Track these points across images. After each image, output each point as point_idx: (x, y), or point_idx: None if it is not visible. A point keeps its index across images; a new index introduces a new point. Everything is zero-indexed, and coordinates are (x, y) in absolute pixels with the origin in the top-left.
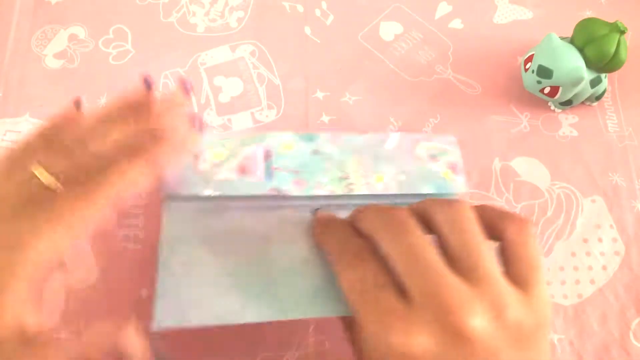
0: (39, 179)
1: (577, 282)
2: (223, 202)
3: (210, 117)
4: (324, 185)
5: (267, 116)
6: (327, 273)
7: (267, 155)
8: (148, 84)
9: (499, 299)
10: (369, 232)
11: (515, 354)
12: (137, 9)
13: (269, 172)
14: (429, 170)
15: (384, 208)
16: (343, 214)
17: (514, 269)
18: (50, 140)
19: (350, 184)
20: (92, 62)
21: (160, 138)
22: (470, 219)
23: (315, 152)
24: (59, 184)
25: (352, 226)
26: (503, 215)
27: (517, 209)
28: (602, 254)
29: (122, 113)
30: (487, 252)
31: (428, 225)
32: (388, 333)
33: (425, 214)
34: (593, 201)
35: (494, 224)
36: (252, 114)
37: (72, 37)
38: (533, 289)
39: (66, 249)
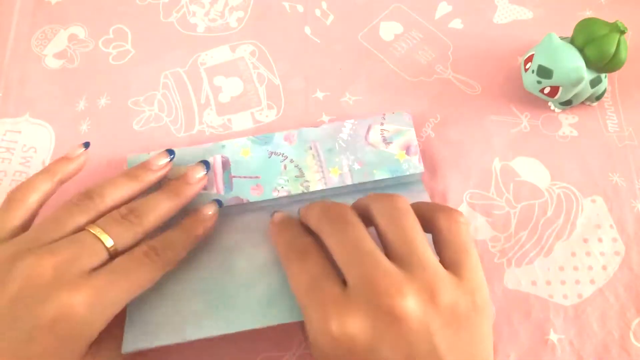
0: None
1: (577, 282)
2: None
3: (210, 117)
4: (282, 186)
5: (267, 116)
6: (283, 277)
7: (225, 165)
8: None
9: (432, 282)
10: (315, 228)
11: (450, 334)
12: (137, 9)
13: (228, 182)
14: (383, 154)
15: (327, 204)
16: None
17: (446, 255)
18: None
19: (306, 181)
20: (92, 62)
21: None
22: (406, 210)
23: (272, 154)
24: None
25: (302, 224)
26: (434, 207)
27: (517, 209)
28: (602, 254)
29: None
30: (421, 241)
31: (369, 219)
32: (327, 319)
33: (367, 208)
34: (593, 201)
35: (427, 217)
36: (252, 114)
37: (72, 37)
38: (466, 272)
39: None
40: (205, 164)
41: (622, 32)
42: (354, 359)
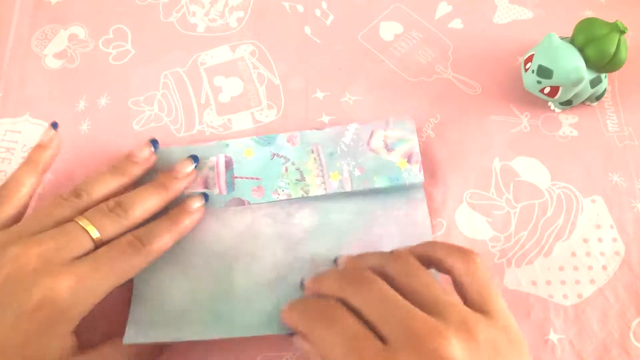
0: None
1: (577, 282)
2: None
3: (210, 117)
4: (282, 189)
5: (267, 116)
6: (285, 295)
7: (229, 165)
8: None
9: (465, 322)
10: (336, 293)
11: None
12: (137, 9)
13: (230, 182)
14: (384, 161)
15: (343, 271)
16: (302, 213)
17: (470, 297)
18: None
19: (306, 185)
20: (92, 62)
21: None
22: (418, 267)
23: (274, 156)
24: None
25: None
26: (449, 250)
27: (517, 209)
28: (602, 254)
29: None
30: (440, 288)
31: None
32: None
33: (382, 269)
34: (593, 201)
35: (441, 262)
36: (252, 114)
37: (72, 37)
38: (493, 311)
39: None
40: (194, 158)
41: (622, 32)
42: None
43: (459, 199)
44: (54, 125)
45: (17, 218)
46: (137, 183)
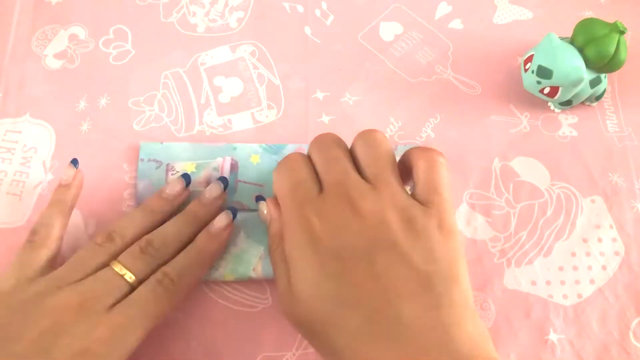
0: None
1: (577, 282)
2: None
3: (210, 117)
4: None
5: (267, 116)
6: None
7: (234, 167)
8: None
9: (393, 195)
10: (309, 151)
11: (411, 239)
12: (137, 9)
13: (233, 185)
14: None
15: (322, 134)
16: None
17: (418, 191)
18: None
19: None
20: (92, 63)
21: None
22: (382, 141)
23: None
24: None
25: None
26: (416, 149)
27: (516, 209)
28: (601, 254)
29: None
30: (391, 168)
31: (352, 150)
32: (303, 210)
33: (353, 143)
34: (593, 201)
35: (408, 158)
36: (252, 114)
37: (72, 37)
38: (432, 203)
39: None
40: (223, 181)
41: (622, 33)
42: (322, 242)
43: (459, 198)
44: (74, 163)
45: (53, 262)
46: None
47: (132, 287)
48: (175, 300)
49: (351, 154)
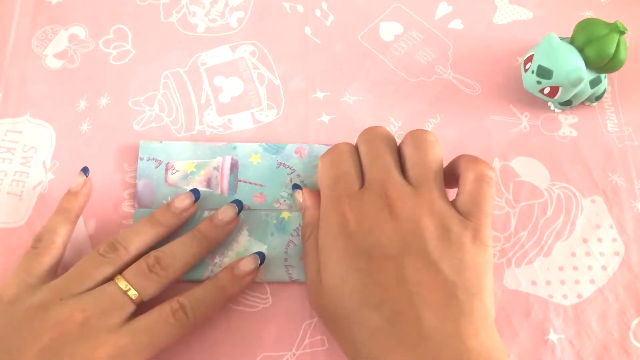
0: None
1: (577, 282)
2: None
3: (211, 117)
4: (284, 199)
5: (267, 116)
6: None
7: (234, 167)
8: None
9: (432, 202)
10: (357, 144)
11: (443, 247)
12: (138, 9)
13: (233, 185)
14: None
15: (372, 127)
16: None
17: (461, 202)
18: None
19: (293, 183)
20: (93, 63)
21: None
22: (433, 143)
23: (280, 165)
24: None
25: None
26: (468, 156)
27: (516, 209)
28: (601, 254)
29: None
30: (437, 172)
31: (401, 148)
32: (341, 204)
33: (403, 141)
34: (593, 201)
35: (457, 164)
36: (252, 114)
37: (73, 37)
38: (473, 219)
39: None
40: (238, 204)
41: (622, 33)
42: (355, 239)
43: None
44: (85, 171)
45: (54, 269)
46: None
47: (135, 305)
48: (185, 334)
49: (399, 151)
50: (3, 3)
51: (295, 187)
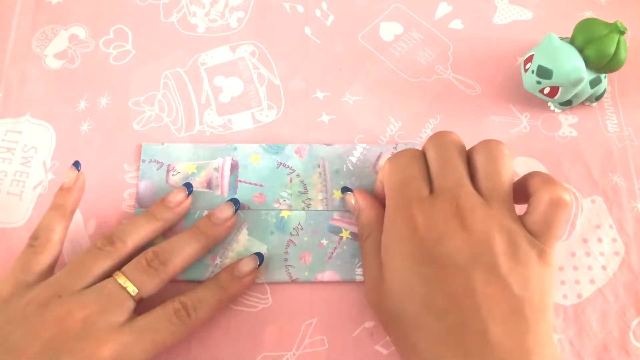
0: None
1: (577, 282)
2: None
3: (211, 117)
4: (284, 199)
5: (267, 116)
6: None
7: (234, 168)
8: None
9: (503, 218)
10: (424, 145)
11: (511, 263)
12: (138, 9)
13: (234, 185)
14: None
15: (442, 131)
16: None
17: (532, 222)
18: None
19: (309, 199)
20: (93, 63)
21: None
22: (506, 156)
23: (280, 165)
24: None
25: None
26: (548, 179)
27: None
28: (601, 254)
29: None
30: (509, 186)
31: (469, 157)
32: (410, 209)
33: (472, 149)
34: (593, 201)
35: (530, 183)
36: (252, 114)
37: (73, 38)
38: (542, 240)
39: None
40: (235, 202)
41: (622, 33)
42: (423, 244)
43: None
44: (77, 165)
45: (52, 267)
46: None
47: (135, 301)
48: (187, 333)
49: (468, 158)
50: (3, 3)
51: (345, 190)
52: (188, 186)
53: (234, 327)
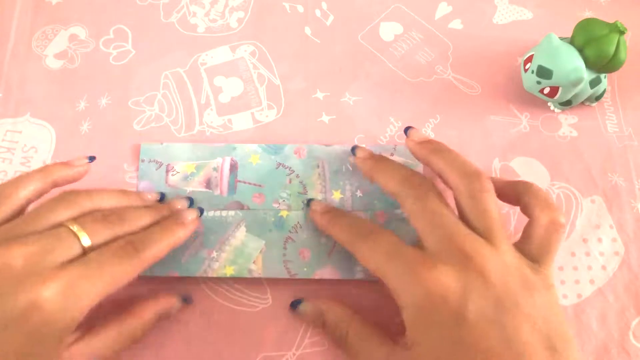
0: (77, 236)
1: (577, 282)
2: None
3: (211, 117)
4: (283, 199)
5: (267, 116)
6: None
7: (233, 168)
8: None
9: (506, 253)
10: (393, 191)
11: (529, 296)
12: (138, 9)
13: (233, 185)
14: None
15: (408, 171)
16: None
17: (529, 246)
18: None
19: (308, 199)
20: (93, 63)
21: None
22: (489, 190)
23: (280, 165)
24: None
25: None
26: (538, 197)
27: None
28: (601, 254)
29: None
30: (502, 221)
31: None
32: (418, 275)
33: (448, 182)
34: (592, 201)
35: (523, 200)
36: (252, 114)
37: (73, 38)
38: (541, 265)
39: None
40: (200, 210)
41: (622, 33)
42: (447, 307)
43: None
44: (91, 159)
45: (11, 220)
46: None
47: (84, 251)
48: (136, 270)
49: (444, 194)
50: (3, 3)
51: (296, 303)
52: (162, 195)
53: (234, 327)
